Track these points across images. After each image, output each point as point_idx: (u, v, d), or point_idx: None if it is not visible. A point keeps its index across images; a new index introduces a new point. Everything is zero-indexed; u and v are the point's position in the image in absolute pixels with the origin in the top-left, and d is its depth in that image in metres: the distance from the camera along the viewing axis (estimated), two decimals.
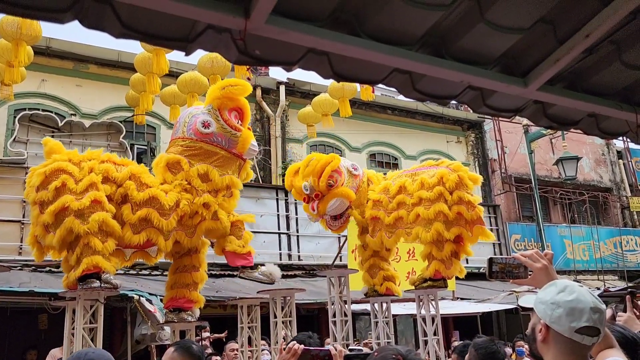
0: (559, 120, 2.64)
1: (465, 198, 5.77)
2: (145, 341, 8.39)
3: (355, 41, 1.99)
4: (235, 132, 5.56)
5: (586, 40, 2.11)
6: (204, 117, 5.55)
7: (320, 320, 11.49)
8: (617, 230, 16.85)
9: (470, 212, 5.76)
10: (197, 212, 5.35)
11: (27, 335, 9.43)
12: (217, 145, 5.52)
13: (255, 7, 1.73)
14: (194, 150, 5.50)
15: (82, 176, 5.06)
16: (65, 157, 5.18)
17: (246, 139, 5.63)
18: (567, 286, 1.75)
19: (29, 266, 8.95)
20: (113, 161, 5.37)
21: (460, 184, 5.83)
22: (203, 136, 5.48)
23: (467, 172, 6.06)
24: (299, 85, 13.39)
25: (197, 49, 1.91)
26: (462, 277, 6.22)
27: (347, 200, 6.12)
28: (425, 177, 5.96)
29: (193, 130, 5.53)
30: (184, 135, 5.58)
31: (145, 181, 5.30)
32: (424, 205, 5.81)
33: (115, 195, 5.17)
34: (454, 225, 5.74)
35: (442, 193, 5.75)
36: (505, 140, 16.01)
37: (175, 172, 5.43)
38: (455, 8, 2.00)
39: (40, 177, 5.01)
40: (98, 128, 10.54)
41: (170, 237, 5.28)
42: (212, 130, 5.49)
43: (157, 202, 5.20)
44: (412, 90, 2.28)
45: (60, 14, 1.70)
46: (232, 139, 5.56)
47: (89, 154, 5.38)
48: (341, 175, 6.15)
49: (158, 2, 1.67)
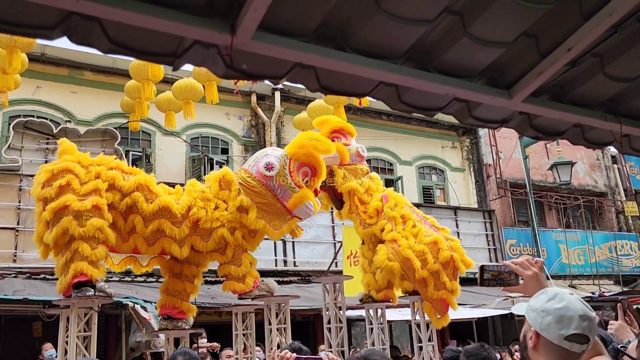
0: (545, 130, 2.67)
1: (442, 278, 5.89)
2: (140, 348, 8.39)
3: (341, 55, 2.02)
4: (294, 187, 5.46)
5: (568, 53, 2.15)
6: (271, 159, 5.51)
7: (316, 326, 11.48)
8: (612, 235, 16.90)
9: (436, 290, 5.88)
10: (217, 218, 5.36)
11: (21, 343, 9.41)
12: (271, 190, 5.46)
13: (242, 23, 1.76)
14: (248, 184, 5.48)
15: (87, 179, 5.10)
16: (75, 159, 5.23)
17: (303, 197, 5.48)
18: (557, 294, 1.78)
19: (24, 274, 8.95)
20: (122, 169, 5.39)
21: (449, 264, 5.93)
22: (262, 177, 5.47)
23: (464, 255, 6.12)
24: (294, 91, 13.43)
25: (185, 63, 1.94)
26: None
27: (339, 157, 6.16)
28: (422, 231, 6.08)
29: (257, 168, 5.54)
30: (248, 169, 5.63)
31: (154, 190, 5.32)
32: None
33: (120, 205, 5.18)
34: (409, 281, 5.97)
35: (425, 253, 5.87)
36: (500, 145, 16.07)
37: (224, 189, 5.47)
38: (439, 23, 2.03)
39: (47, 174, 5.07)
40: (93, 135, 10.56)
41: (185, 244, 5.30)
42: (272, 174, 5.43)
43: (168, 212, 5.21)
44: (399, 102, 2.31)
45: (48, 30, 1.72)
46: (288, 191, 5.46)
47: (100, 159, 5.39)
48: (347, 139, 6.45)
49: (145, 20, 1.69)
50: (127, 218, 5.20)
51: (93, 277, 4.92)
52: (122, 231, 5.22)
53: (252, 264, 5.72)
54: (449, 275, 5.90)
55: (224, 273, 5.63)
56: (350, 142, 6.46)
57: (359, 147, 6.59)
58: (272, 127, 13.02)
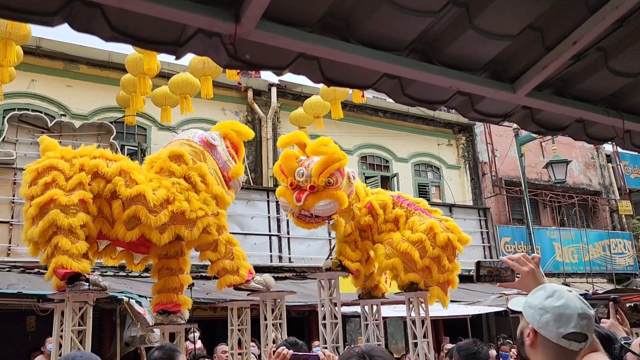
0: (547, 125, 2.66)
1: (442, 261, 5.96)
2: (134, 343, 8.35)
3: (345, 46, 2.00)
4: (231, 160, 5.92)
5: (573, 47, 2.13)
6: (213, 134, 5.93)
7: (311, 322, 11.48)
8: (606, 234, 16.97)
9: (440, 273, 5.97)
10: (200, 208, 5.42)
11: (15, 337, 9.35)
12: (216, 160, 5.77)
13: (246, 12, 1.74)
14: (197, 151, 5.66)
15: (72, 173, 5.15)
16: (58, 155, 5.29)
17: (239, 170, 6.01)
18: (555, 291, 1.76)
19: (18, 267, 8.89)
20: (105, 157, 5.46)
21: (447, 246, 6.00)
22: (207, 145, 5.75)
23: (460, 232, 6.17)
24: (291, 87, 13.38)
25: (187, 52, 1.91)
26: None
27: (340, 206, 5.78)
28: (416, 222, 6.13)
29: (200, 138, 5.77)
30: (189, 139, 5.75)
31: (135, 177, 5.31)
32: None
33: (104, 192, 5.24)
34: (415, 273, 6.01)
35: (423, 241, 5.90)
36: (496, 143, 16.09)
37: (178, 163, 5.52)
38: (444, 14, 2.02)
39: (33, 173, 5.13)
40: (88, 129, 10.47)
41: (166, 232, 5.29)
42: (217, 144, 5.82)
43: (144, 199, 5.22)
44: (402, 95, 2.29)
45: (49, 17, 1.69)
46: (227, 163, 5.85)
47: (82, 150, 5.45)
48: (342, 178, 5.84)
49: (148, 6, 1.66)
50: (112, 204, 5.26)
51: (81, 270, 4.91)
52: (109, 218, 5.28)
53: (244, 257, 5.82)
54: (450, 257, 6.00)
55: (218, 269, 5.66)
56: (344, 179, 5.87)
57: (349, 172, 6.07)
58: (269, 123, 12.98)
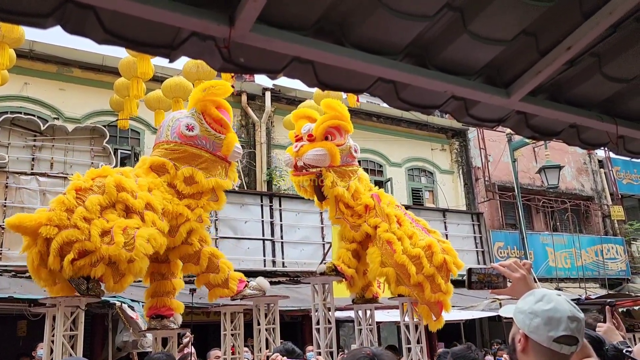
0: (541, 130, 2.66)
1: (437, 280, 5.90)
2: (126, 348, 8.30)
3: (340, 50, 1.99)
4: (219, 135, 5.59)
5: (567, 52, 2.14)
6: (187, 120, 5.55)
7: (304, 327, 11.44)
8: (599, 239, 17.04)
9: (433, 293, 5.89)
10: (181, 214, 5.35)
11: (5, 342, 9.26)
12: (202, 148, 5.53)
13: (240, 15, 1.73)
14: (179, 153, 5.49)
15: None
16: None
17: (230, 142, 5.68)
18: (544, 295, 1.76)
19: (9, 272, 8.81)
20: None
21: (443, 267, 5.96)
22: (187, 139, 5.49)
23: (456, 257, 6.17)
24: (285, 91, 13.39)
25: (181, 56, 1.90)
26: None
27: (330, 158, 6.02)
28: (417, 235, 6.09)
29: (177, 134, 5.53)
30: (168, 139, 5.56)
31: (130, 187, 5.25)
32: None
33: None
34: (407, 287, 5.97)
35: (420, 257, 5.86)
36: (489, 148, 16.15)
37: (161, 174, 5.42)
38: (439, 19, 2.01)
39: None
40: (81, 132, 10.42)
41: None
42: (196, 133, 5.50)
43: (153, 206, 5.20)
44: (396, 99, 2.29)
45: (42, 19, 1.67)
46: (216, 142, 5.58)
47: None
48: (342, 138, 6.20)
49: (142, 8, 1.65)
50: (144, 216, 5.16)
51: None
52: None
53: (230, 268, 5.75)
54: (444, 278, 5.91)
55: (204, 282, 5.63)
56: (344, 140, 6.25)
57: (352, 146, 6.38)
58: (262, 127, 12.97)
